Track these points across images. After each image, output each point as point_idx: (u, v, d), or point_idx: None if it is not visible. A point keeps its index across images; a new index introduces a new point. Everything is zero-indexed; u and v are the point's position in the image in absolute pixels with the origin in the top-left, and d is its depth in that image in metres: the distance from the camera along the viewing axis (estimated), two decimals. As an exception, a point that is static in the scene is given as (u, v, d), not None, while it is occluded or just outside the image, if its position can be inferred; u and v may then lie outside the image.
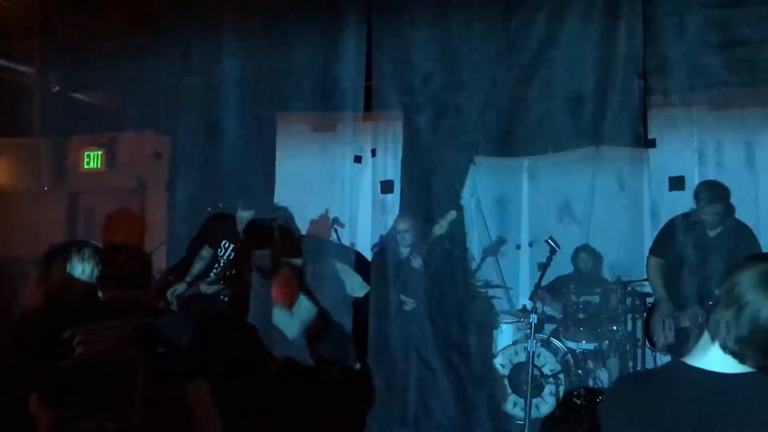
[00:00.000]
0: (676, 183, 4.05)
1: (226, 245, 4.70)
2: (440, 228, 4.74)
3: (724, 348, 1.61)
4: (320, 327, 4.23)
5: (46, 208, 5.92)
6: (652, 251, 4.42)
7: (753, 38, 3.79)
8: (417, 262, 4.74)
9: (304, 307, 4.37)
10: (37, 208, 5.81)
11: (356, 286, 4.88)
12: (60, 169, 6.04)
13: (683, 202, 4.15)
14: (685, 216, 4.22)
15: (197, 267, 4.71)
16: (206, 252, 4.72)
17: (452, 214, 4.77)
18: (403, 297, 4.70)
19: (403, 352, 4.49)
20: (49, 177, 5.96)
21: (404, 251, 4.83)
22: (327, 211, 5.30)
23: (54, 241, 5.74)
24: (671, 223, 4.24)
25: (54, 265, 2.82)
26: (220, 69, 4.92)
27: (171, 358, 2.55)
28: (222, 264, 4.69)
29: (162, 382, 2.51)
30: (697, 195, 4.24)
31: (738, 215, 4.25)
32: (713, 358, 1.63)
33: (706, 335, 1.66)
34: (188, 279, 4.66)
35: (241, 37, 4.84)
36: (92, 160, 5.99)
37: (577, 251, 5.69)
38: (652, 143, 4.08)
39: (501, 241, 5.73)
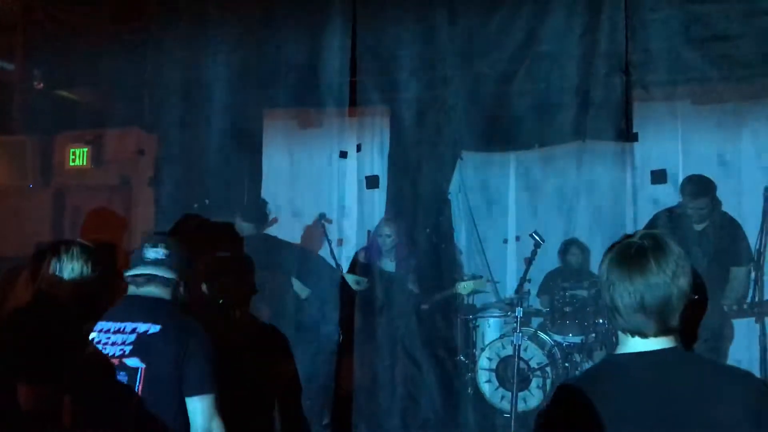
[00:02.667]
0: (658, 176, 4.09)
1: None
2: (463, 288, 4.83)
3: (624, 331, 1.71)
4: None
5: (31, 205, 5.88)
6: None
7: (733, 34, 3.82)
8: (411, 283, 4.81)
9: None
10: (22, 206, 5.76)
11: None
12: (45, 166, 5.99)
13: (665, 196, 4.18)
14: (671, 210, 4.25)
15: None
16: None
17: (481, 283, 4.86)
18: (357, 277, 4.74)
19: (390, 348, 4.51)
20: (34, 174, 5.92)
21: (386, 255, 4.90)
22: (321, 218, 5.26)
23: (40, 238, 5.75)
24: (656, 218, 4.26)
25: (44, 265, 2.84)
26: (205, 65, 4.90)
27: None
28: None
29: None
30: (683, 189, 4.26)
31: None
32: (631, 344, 1.72)
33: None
34: None
35: (226, 33, 4.83)
36: (78, 157, 5.94)
37: (567, 245, 5.74)
38: (634, 137, 4.11)
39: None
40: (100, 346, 2.55)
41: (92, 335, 2.59)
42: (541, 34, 4.17)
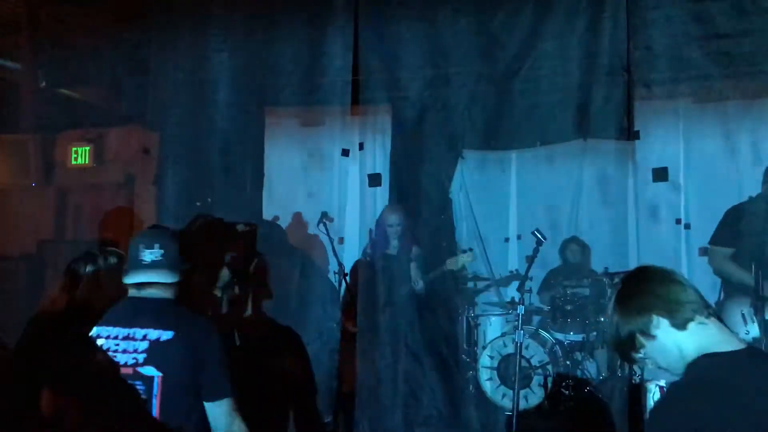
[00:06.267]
0: (659, 174, 4.09)
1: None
2: (455, 264, 4.81)
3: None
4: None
5: (34, 204, 5.89)
6: (715, 242, 4.23)
7: (734, 31, 3.83)
8: (419, 286, 4.81)
9: None
10: (24, 205, 5.78)
11: None
12: (47, 165, 6.00)
13: (666, 193, 4.19)
14: (752, 201, 4.14)
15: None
16: None
17: (469, 256, 4.85)
18: None
19: (392, 345, 4.52)
20: (37, 173, 5.93)
21: (395, 244, 4.89)
22: (323, 217, 5.27)
23: (42, 237, 5.76)
24: (737, 210, 4.13)
25: (82, 274, 2.85)
26: (207, 64, 4.91)
27: None
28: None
29: None
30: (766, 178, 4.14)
31: (723, 207, 4.29)
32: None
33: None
34: None
35: (228, 31, 4.84)
36: (80, 155, 5.95)
37: (566, 243, 5.75)
38: (636, 135, 4.11)
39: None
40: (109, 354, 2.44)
41: (99, 342, 2.48)
42: (542, 33, 4.18)
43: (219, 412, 2.42)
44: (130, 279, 2.52)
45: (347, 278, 5.05)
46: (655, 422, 1.83)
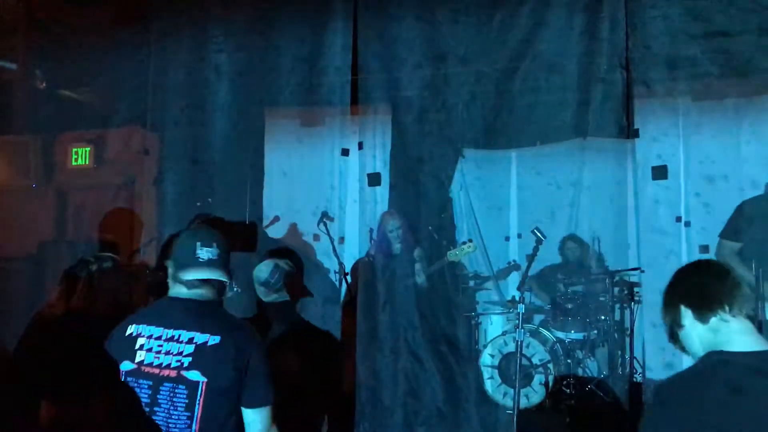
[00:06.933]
0: (659, 172, 4.10)
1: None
2: (454, 256, 4.83)
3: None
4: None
5: (34, 205, 5.90)
6: (724, 235, 4.20)
7: (732, 29, 3.84)
8: (421, 279, 4.82)
9: None
10: (25, 206, 5.79)
11: None
12: (48, 166, 6.01)
13: (666, 191, 4.19)
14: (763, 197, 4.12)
15: None
16: None
17: (470, 246, 4.87)
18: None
19: (392, 344, 4.52)
20: (37, 174, 5.94)
21: (397, 247, 4.93)
22: (323, 216, 5.27)
23: (43, 238, 5.77)
24: (750, 203, 4.10)
25: (78, 280, 2.86)
26: (207, 64, 4.92)
27: None
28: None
29: None
30: None
31: (723, 205, 4.30)
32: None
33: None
34: None
35: (228, 31, 4.85)
36: (80, 156, 5.96)
37: (565, 240, 5.76)
38: (635, 133, 4.12)
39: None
40: (151, 355, 2.37)
41: (140, 342, 2.39)
42: (541, 32, 4.18)
43: (257, 419, 2.39)
44: (187, 275, 2.42)
45: (347, 278, 5.06)
46: (646, 418, 1.89)
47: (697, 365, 1.88)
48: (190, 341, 2.37)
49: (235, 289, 4.81)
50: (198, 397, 2.33)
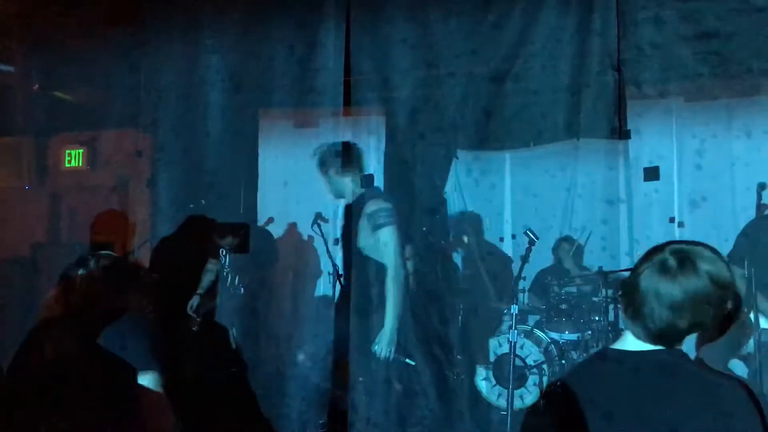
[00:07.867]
0: (652, 173, 4.10)
1: (224, 252, 4.85)
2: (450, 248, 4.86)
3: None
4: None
5: (27, 207, 5.89)
6: (731, 260, 4.05)
7: (724, 31, 3.84)
8: (410, 265, 4.81)
9: None
10: (18, 208, 5.78)
11: None
12: (41, 168, 6.00)
13: (658, 193, 4.20)
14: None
15: (206, 279, 5.01)
16: (212, 265, 5.00)
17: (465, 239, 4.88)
18: None
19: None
20: (30, 176, 5.93)
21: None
22: (317, 218, 5.28)
23: (36, 240, 5.76)
24: (757, 224, 4.07)
25: (77, 280, 2.82)
26: (200, 65, 4.92)
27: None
28: (228, 271, 4.88)
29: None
30: None
31: (715, 206, 4.32)
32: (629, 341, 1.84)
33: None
34: (200, 291, 4.96)
35: (221, 32, 4.84)
36: (74, 158, 5.96)
37: (559, 242, 5.77)
38: (627, 134, 4.13)
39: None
40: None
41: None
42: (533, 33, 4.19)
43: None
44: None
45: (342, 279, 5.05)
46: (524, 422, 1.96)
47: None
48: None
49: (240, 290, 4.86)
50: None
